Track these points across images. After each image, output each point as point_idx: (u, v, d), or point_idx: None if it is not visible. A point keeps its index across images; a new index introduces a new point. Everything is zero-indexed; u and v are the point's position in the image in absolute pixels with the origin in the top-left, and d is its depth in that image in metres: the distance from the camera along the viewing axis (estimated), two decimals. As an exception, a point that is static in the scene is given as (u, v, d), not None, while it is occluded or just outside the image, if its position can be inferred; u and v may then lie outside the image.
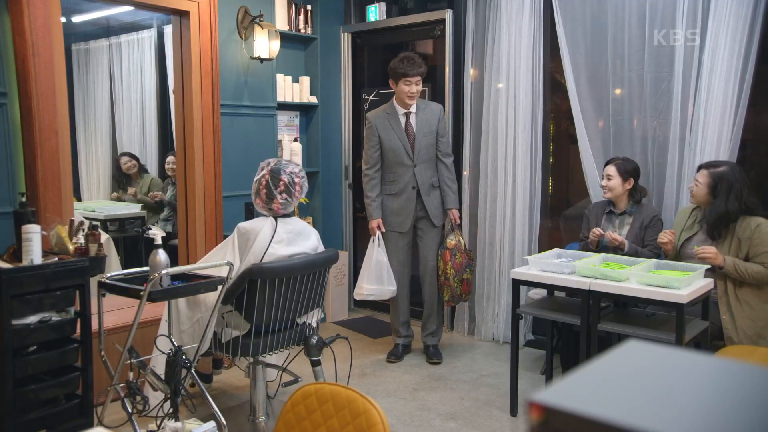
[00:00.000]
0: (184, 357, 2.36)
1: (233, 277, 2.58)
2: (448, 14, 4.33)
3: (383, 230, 3.84)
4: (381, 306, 4.89)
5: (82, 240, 2.70)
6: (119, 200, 5.30)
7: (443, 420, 3.13)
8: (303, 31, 4.63)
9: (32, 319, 2.39)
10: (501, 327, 4.21)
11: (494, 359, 3.95)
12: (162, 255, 2.39)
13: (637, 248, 3.26)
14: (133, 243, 4.99)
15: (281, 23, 4.45)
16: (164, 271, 2.38)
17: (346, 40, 4.90)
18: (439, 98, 4.39)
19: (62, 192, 3.20)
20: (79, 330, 2.57)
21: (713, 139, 3.32)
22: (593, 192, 3.75)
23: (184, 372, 2.38)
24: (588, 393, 0.53)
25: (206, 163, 3.88)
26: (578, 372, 0.57)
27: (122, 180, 5.32)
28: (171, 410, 2.31)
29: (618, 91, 3.71)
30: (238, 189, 4.07)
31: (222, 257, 2.67)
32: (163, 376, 2.40)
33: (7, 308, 2.29)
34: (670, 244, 3.11)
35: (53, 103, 3.15)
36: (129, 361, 2.42)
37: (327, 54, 4.83)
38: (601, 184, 3.44)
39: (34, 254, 2.43)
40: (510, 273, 3.13)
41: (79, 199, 5.63)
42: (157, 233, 2.45)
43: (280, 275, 2.60)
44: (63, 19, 3.29)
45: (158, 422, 2.19)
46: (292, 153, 4.60)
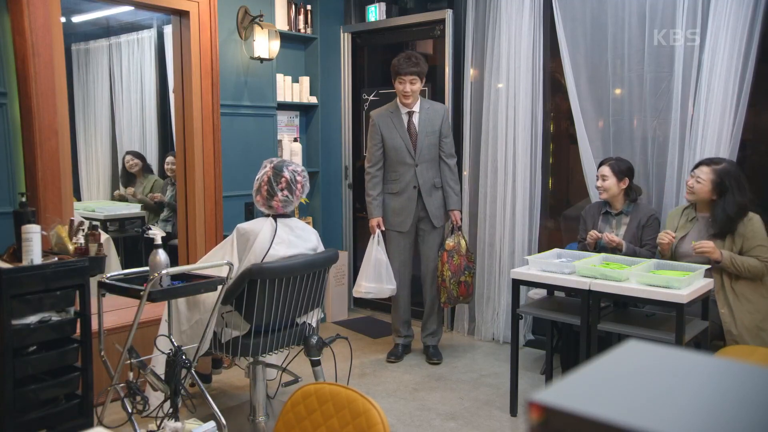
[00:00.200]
0: (184, 357, 2.36)
1: (233, 278, 2.58)
2: (448, 14, 4.33)
3: (383, 229, 3.84)
4: (381, 306, 4.89)
5: (82, 240, 2.70)
6: (121, 198, 5.29)
7: (443, 420, 3.13)
8: (303, 31, 4.63)
9: (32, 319, 2.39)
10: (501, 327, 4.21)
11: (494, 359, 3.95)
12: (162, 255, 2.39)
13: (635, 248, 3.26)
14: (133, 243, 4.99)
15: (281, 23, 4.45)
16: (164, 271, 2.38)
17: (346, 40, 4.90)
18: (439, 98, 4.39)
19: (62, 192, 3.20)
20: (79, 330, 2.57)
21: (713, 139, 3.32)
22: (593, 192, 3.75)
23: (184, 372, 2.39)
24: (588, 393, 0.53)
25: (206, 163, 3.88)
26: (578, 372, 0.57)
27: (126, 178, 5.31)
28: (171, 410, 2.31)
29: (618, 91, 3.71)
30: (238, 189, 4.07)
31: (221, 258, 2.66)
32: (163, 376, 2.40)
33: (7, 308, 2.29)
34: (669, 245, 3.11)
35: (53, 103, 3.15)
36: (129, 361, 2.42)
37: (327, 54, 4.83)
38: (596, 185, 3.44)
39: (34, 254, 2.43)
40: (510, 273, 3.13)
41: (79, 199, 5.63)
42: (157, 233, 2.45)
43: (280, 275, 2.60)
44: (63, 19, 3.29)
45: (158, 422, 2.19)
46: (292, 153, 4.60)
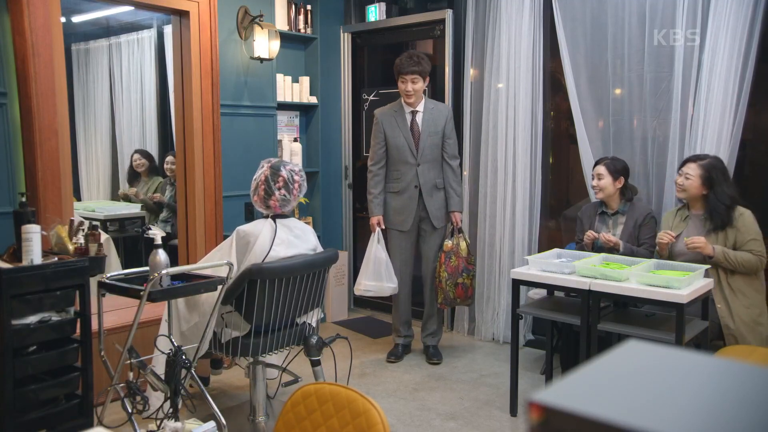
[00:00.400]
0: (184, 357, 2.36)
1: (233, 278, 2.58)
2: (448, 14, 4.33)
3: (383, 227, 3.84)
4: (381, 306, 4.89)
5: (82, 240, 2.70)
6: (125, 197, 5.27)
7: (443, 420, 3.13)
8: (303, 31, 4.63)
9: (32, 319, 2.39)
10: (501, 327, 4.21)
11: (494, 359, 3.95)
12: (162, 255, 2.39)
13: (633, 248, 3.26)
14: (133, 243, 4.99)
15: (281, 23, 4.45)
16: (164, 271, 2.38)
17: (346, 40, 4.90)
18: (439, 98, 4.38)
19: (62, 192, 3.20)
20: (79, 330, 2.57)
21: (713, 139, 3.32)
22: (593, 192, 3.75)
23: (184, 372, 2.38)
24: (588, 393, 0.53)
25: (206, 163, 3.88)
26: (578, 372, 0.57)
27: (132, 177, 5.29)
28: (171, 410, 2.31)
29: (618, 91, 3.71)
30: (238, 189, 4.07)
31: (220, 259, 2.66)
32: (163, 376, 2.40)
33: (7, 308, 2.29)
34: (667, 245, 3.11)
35: (53, 103, 3.15)
36: (129, 361, 2.42)
37: (327, 54, 4.83)
38: (592, 185, 3.44)
39: (34, 254, 2.43)
40: (510, 273, 3.13)
41: (79, 199, 5.62)
42: (157, 233, 2.45)
43: (280, 275, 2.60)
44: (63, 19, 3.29)
45: (158, 422, 2.19)
46: (292, 153, 4.60)
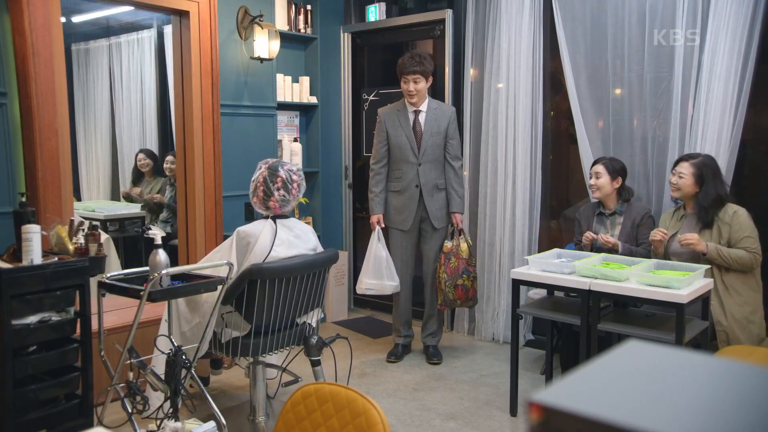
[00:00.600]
0: (184, 357, 2.36)
1: (233, 278, 2.58)
2: (448, 14, 4.33)
3: (383, 226, 3.85)
4: (381, 306, 4.89)
5: (82, 240, 2.70)
6: (127, 196, 5.26)
7: (443, 420, 3.13)
8: (303, 31, 4.63)
9: (32, 319, 2.39)
10: (501, 327, 4.21)
11: (494, 359, 3.95)
12: (162, 255, 2.39)
13: (631, 248, 3.26)
14: (133, 243, 4.99)
15: (281, 23, 4.45)
16: (164, 271, 2.38)
17: (346, 40, 4.90)
18: (439, 98, 4.38)
19: (62, 192, 3.20)
20: (79, 330, 2.57)
21: (713, 139, 3.32)
22: (591, 191, 3.75)
23: (184, 372, 2.38)
24: (588, 393, 0.53)
25: (206, 163, 3.88)
26: (578, 372, 0.57)
27: (136, 177, 5.28)
28: (171, 410, 2.31)
29: (618, 91, 3.71)
30: (238, 189, 4.07)
31: (219, 260, 2.66)
32: (163, 376, 2.40)
33: (7, 308, 2.29)
34: (661, 243, 3.12)
35: (53, 103, 3.15)
36: (129, 361, 2.42)
37: (327, 54, 4.83)
38: (590, 184, 3.44)
39: (34, 254, 2.43)
40: (510, 273, 3.13)
41: (79, 199, 5.62)
42: (157, 233, 2.45)
43: (280, 275, 2.60)
44: (63, 19, 3.29)
45: (158, 422, 2.19)
46: (292, 153, 4.60)
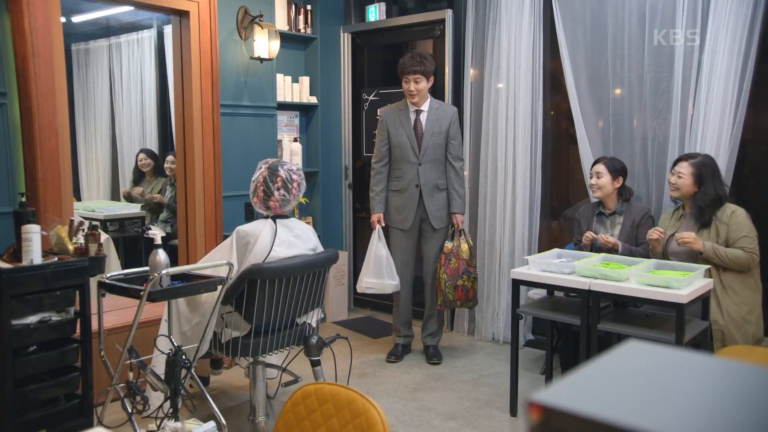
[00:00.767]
0: (184, 357, 2.36)
1: (233, 278, 2.58)
2: (448, 14, 4.33)
3: (383, 225, 3.85)
4: (381, 306, 4.89)
5: (82, 240, 2.70)
6: (128, 196, 5.25)
7: (443, 420, 3.13)
8: (303, 31, 4.63)
9: (32, 319, 2.39)
10: (501, 327, 4.21)
11: (494, 359, 3.95)
12: (162, 255, 2.39)
13: (631, 248, 3.26)
14: (133, 243, 4.99)
15: (281, 23, 4.45)
16: (164, 271, 2.38)
17: (346, 40, 4.90)
18: (439, 98, 4.37)
19: (62, 192, 3.20)
20: (79, 330, 2.57)
21: (713, 139, 3.32)
22: (592, 191, 3.75)
23: (184, 372, 2.38)
24: (588, 393, 0.53)
25: (206, 163, 3.88)
26: (578, 372, 0.57)
27: (137, 176, 5.27)
28: (171, 410, 2.31)
29: (618, 91, 3.71)
30: (238, 189, 4.07)
31: (219, 260, 2.66)
32: (163, 376, 2.40)
33: (7, 308, 2.29)
34: (659, 242, 3.12)
35: (53, 103, 3.15)
36: (129, 361, 2.42)
37: (327, 54, 4.83)
38: (591, 183, 3.44)
39: (34, 254, 2.43)
40: (510, 273, 3.13)
41: (79, 199, 5.62)
42: (157, 233, 2.45)
43: (280, 275, 2.60)
44: (63, 19, 3.29)
45: (158, 422, 2.19)
46: (292, 153, 4.60)
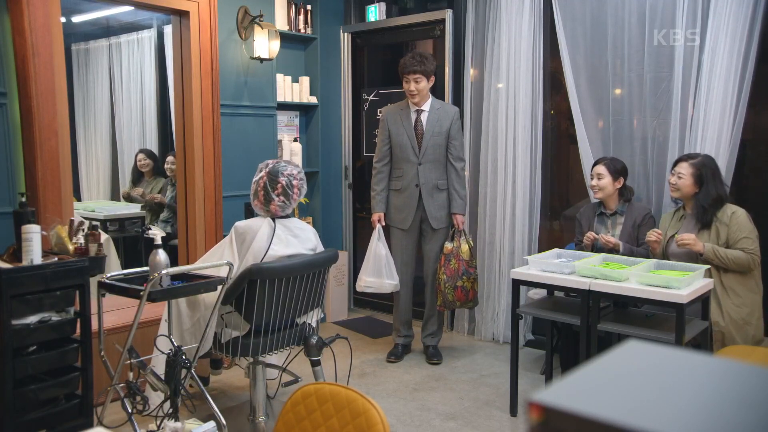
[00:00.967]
0: (184, 357, 2.36)
1: (233, 277, 2.58)
2: (448, 14, 4.33)
3: (383, 224, 3.86)
4: (381, 306, 4.89)
5: (82, 240, 2.70)
6: (127, 196, 5.25)
7: (443, 420, 3.13)
8: (303, 31, 4.63)
9: (32, 319, 2.39)
10: (501, 327, 4.21)
11: (494, 359, 3.95)
12: (162, 255, 2.39)
13: (632, 248, 3.26)
14: (133, 243, 4.99)
15: (281, 23, 4.45)
16: (164, 271, 2.38)
17: (346, 40, 4.90)
18: (439, 98, 4.38)
19: (62, 192, 3.20)
20: (79, 330, 2.57)
21: (713, 139, 3.32)
22: (593, 192, 3.75)
23: (184, 372, 2.38)
24: (588, 393, 0.53)
25: (206, 163, 3.88)
26: (578, 372, 0.57)
27: (136, 177, 5.27)
28: (171, 410, 2.31)
29: (618, 91, 3.71)
30: (238, 189, 4.07)
31: (220, 257, 2.66)
32: (163, 376, 2.40)
33: (7, 308, 2.29)
34: (658, 244, 3.12)
35: (53, 103, 3.15)
36: (129, 361, 2.42)
37: (327, 54, 4.83)
38: (591, 184, 3.44)
39: (34, 254, 2.43)
40: (510, 273, 3.13)
41: (79, 199, 5.62)
42: (157, 233, 2.45)
43: (280, 275, 2.60)
44: (63, 19, 3.29)
45: (158, 422, 2.19)
46: (292, 153, 4.60)
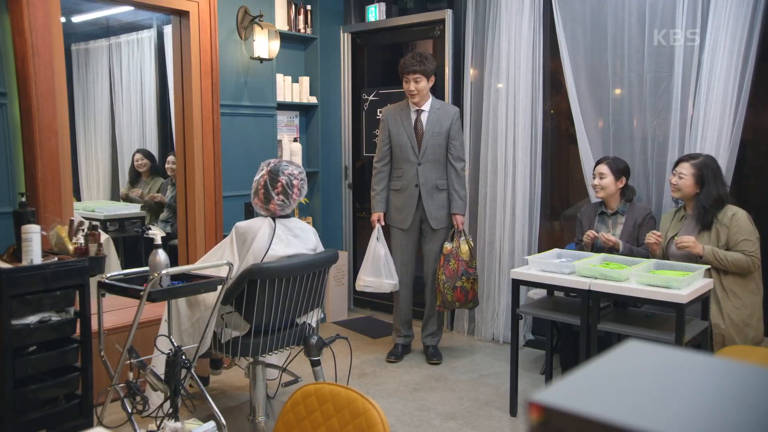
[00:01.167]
0: (184, 357, 2.36)
1: (233, 277, 2.58)
2: (448, 14, 4.33)
3: (383, 224, 3.86)
4: (381, 306, 4.89)
5: (82, 240, 2.70)
6: (126, 197, 5.25)
7: (443, 420, 3.13)
8: (303, 31, 4.63)
9: (32, 319, 2.39)
10: (501, 327, 4.21)
11: (494, 359, 3.95)
12: (162, 255, 2.39)
13: (632, 248, 3.26)
14: (133, 243, 4.99)
15: (281, 23, 4.45)
16: (164, 271, 2.38)
17: (346, 40, 4.90)
18: (439, 98, 4.37)
19: (62, 192, 3.20)
20: (79, 330, 2.57)
21: (713, 139, 3.32)
22: (593, 192, 3.74)
23: (184, 372, 2.38)
24: (588, 393, 0.53)
25: (206, 163, 3.88)
26: (578, 372, 0.57)
27: (134, 177, 5.27)
28: (171, 410, 2.31)
29: (618, 91, 3.71)
30: (238, 189, 4.07)
31: (220, 257, 2.66)
32: (163, 376, 2.40)
33: (7, 308, 2.29)
34: (657, 246, 3.11)
35: (53, 103, 3.15)
36: (129, 361, 2.42)
37: (327, 54, 4.83)
38: (593, 184, 3.44)
39: (34, 254, 2.43)
40: (510, 273, 3.13)
41: (79, 199, 5.62)
42: (157, 233, 2.45)
43: (280, 275, 2.60)
44: (63, 19, 3.29)
45: (158, 422, 2.19)
46: (292, 153, 4.60)
